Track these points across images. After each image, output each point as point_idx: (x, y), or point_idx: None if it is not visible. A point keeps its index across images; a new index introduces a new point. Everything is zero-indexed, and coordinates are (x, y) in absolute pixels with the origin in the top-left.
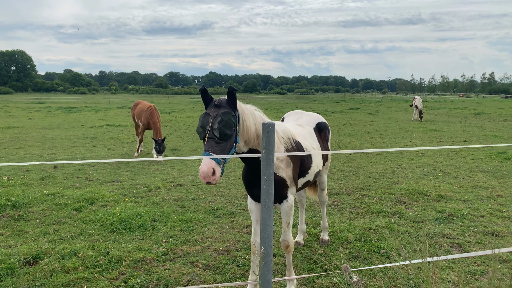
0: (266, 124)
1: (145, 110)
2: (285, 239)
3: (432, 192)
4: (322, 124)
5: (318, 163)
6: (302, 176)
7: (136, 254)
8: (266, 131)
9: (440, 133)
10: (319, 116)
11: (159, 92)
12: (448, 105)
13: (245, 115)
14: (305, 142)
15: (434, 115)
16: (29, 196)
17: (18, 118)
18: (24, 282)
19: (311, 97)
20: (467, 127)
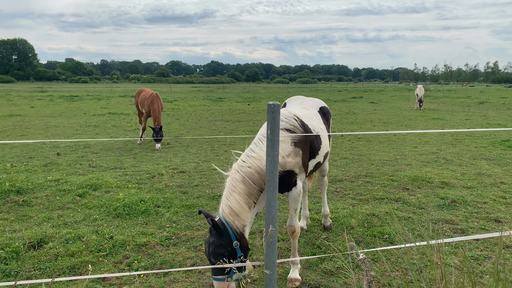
0: (271, 105)
1: (147, 98)
2: (292, 225)
3: (435, 179)
4: (325, 108)
5: (326, 144)
6: (313, 157)
7: (140, 238)
8: (271, 111)
9: (443, 122)
10: (321, 101)
11: (161, 81)
12: (451, 94)
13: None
14: (312, 123)
15: (437, 104)
16: (32, 182)
17: (21, 106)
18: (29, 265)
19: (314, 86)
20: (470, 116)
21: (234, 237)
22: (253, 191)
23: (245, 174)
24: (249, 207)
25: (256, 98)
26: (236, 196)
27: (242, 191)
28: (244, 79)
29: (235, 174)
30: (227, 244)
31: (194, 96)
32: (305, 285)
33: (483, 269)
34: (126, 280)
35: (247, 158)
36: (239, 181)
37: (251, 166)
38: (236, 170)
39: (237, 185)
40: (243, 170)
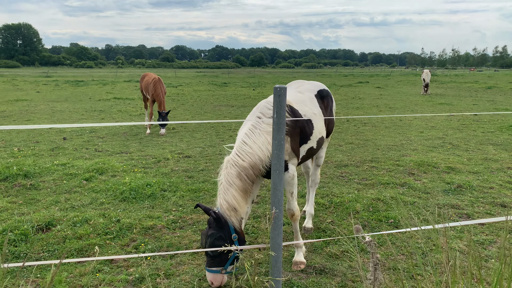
0: (278, 88)
1: (150, 83)
2: (290, 208)
3: (441, 164)
4: (324, 91)
5: (321, 129)
6: (304, 143)
7: (147, 222)
8: (277, 95)
9: (450, 107)
10: (321, 84)
11: (165, 66)
12: (459, 79)
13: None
14: (304, 108)
15: (444, 89)
16: (39, 166)
17: (26, 91)
18: (38, 247)
19: (319, 71)
20: (478, 101)
21: (233, 230)
22: (248, 187)
23: (240, 169)
24: (246, 200)
25: (261, 83)
26: (233, 192)
27: (238, 187)
28: (249, 64)
29: (231, 169)
30: (226, 236)
31: (199, 81)
32: (310, 268)
33: (488, 253)
34: (133, 263)
35: (241, 152)
36: (235, 176)
37: (245, 160)
38: (232, 164)
39: (233, 181)
40: (238, 164)
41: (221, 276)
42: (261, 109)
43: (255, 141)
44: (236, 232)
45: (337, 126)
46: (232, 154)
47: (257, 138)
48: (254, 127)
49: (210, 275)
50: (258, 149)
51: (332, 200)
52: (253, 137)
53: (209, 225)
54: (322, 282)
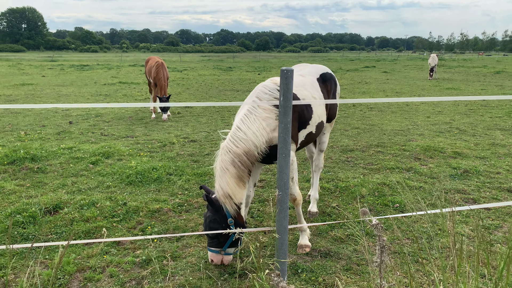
0: (285, 70)
1: (152, 66)
2: (292, 193)
3: (447, 149)
4: (327, 75)
5: (321, 113)
6: (303, 128)
7: (153, 205)
8: (284, 77)
9: (457, 92)
10: (324, 67)
11: (170, 50)
12: (467, 64)
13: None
14: (303, 92)
15: (452, 73)
16: (46, 149)
17: (32, 75)
18: (46, 229)
19: (325, 55)
20: (486, 86)
21: (229, 215)
22: (242, 173)
23: (234, 156)
24: (242, 186)
25: (266, 67)
26: (228, 179)
27: (232, 174)
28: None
29: (225, 155)
30: (221, 220)
31: (203, 65)
32: (315, 251)
33: (494, 238)
34: (140, 245)
35: (235, 138)
36: (229, 163)
37: (239, 146)
38: (226, 150)
39: (228, 167)
40: (232, 151)
41: (220, 256)
42: (258, 93)
43: (249, 127)
44: (232, 217)
45: (343, 111)
46: (226, 141)
47: (252, 124)
48: (249, 112)
49: (210, 254)
50: (253, 135)
51: (337, 185)
52: (248, 123)
53: (207, 207)
54: (327, 265)
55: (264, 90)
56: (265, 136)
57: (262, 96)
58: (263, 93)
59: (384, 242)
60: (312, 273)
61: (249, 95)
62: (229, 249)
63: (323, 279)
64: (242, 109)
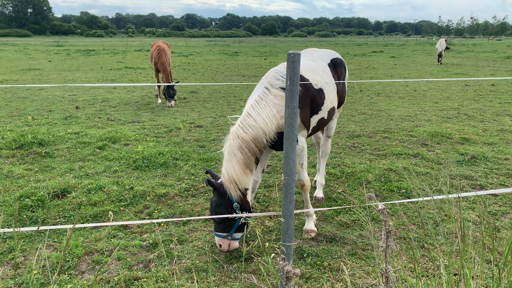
0: (292, 54)
1: (154, 50)
2: (300, 179)
3: (455, 135)
4: (338, 60)
5: (332, 99)
6: (315, 113)
7: (160, 190)
8: (291, 61)
9: (466, 77)
10: (334, 53)
11: (176, 34)
12: (476, 49)
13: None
14: (315, 77)
15: (461, 58)
16: (53, 134)
17: (38, 60)
18: (55, 213)
19: (333, 40)
20: (496, 71)
21: (234, 200)
22: (248, 160)
23: (242, 142)
24: (249, 172)
25: (273, 52)
26: (234, 164)
27: (239, 159)
28: (261, 33)
29: (233, 141)
30: (227, 204)
31: (209, 50)
32: (321, 236)
33: (501, 224)
34: (147, 229)
35: (244, 124)
36: (236, 148)
37: (247, 132)
38: (235, 136)
39: (235, 152)
40: (241, 137)
41: (227, 241)
42: (269, 79)
43: (259, 113)
44: (238, 202)
45: (350, 96)
46: (235, 126)
47: (262, 111)
48: (260, 99)
49: (217, 239)
50: (262, 121)
51: (343, 170)
52: (258, 109)
53: (213, 192)
54: (333, 250)
55: (277, 76)
56: (274, 123)
57: (274, 82)
58: (275, 78)
59: (390, 227)
60: (318, 257)
61: (261, 79)
62: (236, 234)
63: (328, 264)
64: (254, 94)
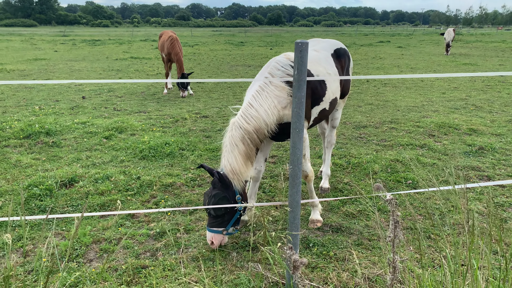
0: (299, 43)
1: (166, 40)
2: (304, 170)
3: (463, 126)
4: (341, 50)
5: (335, 90)
6: (317, 104)
7: (166, 179)
8: (298, 50)
9: (474, 67)
10: (338, 42)
11: (181, 24)
12: (485, 38)
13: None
14: (317, 68)
15: (469, 48)
16: (60, 124)
17: (44, 50)
18: (62, 202)
19: (339, 30)
20: (505, 61)
21: (237, 191)
22: (250, 152)
23: (244, 132)
24: (250, 164)
25: (278, 42)
26: (237, 155)
27: (241, 151)
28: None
29: (235, 131)
30: (230, 197)
31: (215, 40)
32: (327, 226)
33: (508, 215)
34: (154, 218)
35: (246, 115)
36: (238, 139)
37: (250, 123)
38: (237, 126)
39: (237, 144)
40: (243, 127)
41: (222, 236)
42: (270, 69)
43: (261, 104)
44: (239, 193)
45: (356, 86)
46: (237, 116)
47: (264, 101)
48: (261, 89)
49: (210, 235)
50: (264, 112)
51: (350, 161)
52: (260, 100)
53: (213, 185)
54: (339, 239)
55: (277, 66)
56: (275, 114)
57: (274, 72)
58: (275, 69)
59: (397, 217)
60: (324, 247)
61: (261, 69)
62: (230, 229)
63: (334, 253)
64: (254, 84)
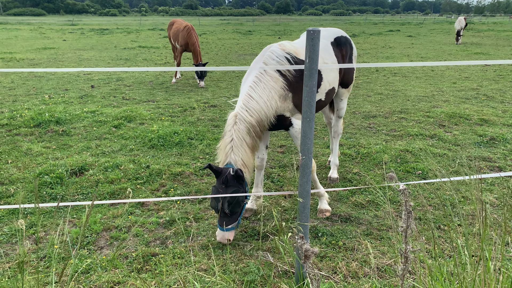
0: (311, 31)
1: (181, 30)
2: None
3: (474, 116)
4: (342, 38)
5: (332, 80)
6: None
7: (175, 168)
8: (310, 38)
9: (486, 57)
10: (339, 31)
11: (189, 13)
12: (497, 27)
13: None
14: None
15: (480, 38)
16: (70, 113)
17: (53, 39)
18: (73, 190)
19: (348, 19)
20: None
21: (246, 184)
22: (255, 144)
23: (249, 126)
24: (253, 157)
25: (287, 31)
26: (246, 148)
27: (249, 144)
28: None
29: (240, 125)
30: (244, 191)
31: (223, 29)
32: (336, 216)
33: None
34: (164, 206)
35: (248, 107)
36: (245, 133)
37: (253, 116)
38: (241, 119)
39: (244, 137)
40: (248, 120)
41: (234, 232)
42: (265, 59)
43: (261, 96)
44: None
45: (365, 76)
46: (238, 109)
47: (263, 93)
48: (258, 80)
49: (225, 234)
50: (264, 104)
51: (359, 151)
52: (259, 91)
53: (225, 183)
54: (348, 229)
55: (272, 56)
56: (274, 106)
57: (269, 62)
58: (270, 58)
59: (410, 208)
60: (332, 237)
61: (257, 57)
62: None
63: (343, 243)
64: (250, 74)
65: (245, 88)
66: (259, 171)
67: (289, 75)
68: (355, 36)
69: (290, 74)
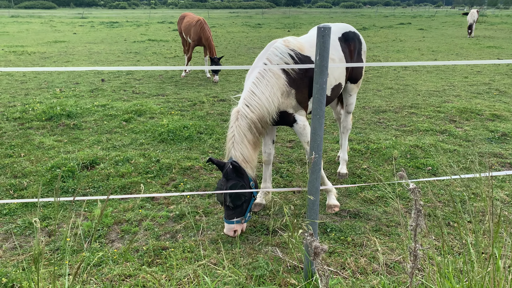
0: (322, 28)
1: (194, 25)
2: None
3: (485, 112)
4: (350, 33)
5: (338, 76)
6: None
7: (185, 162)
8: (321, 35)
9: (499, 50)
10: (347, 26)
11: (198, 6)
12: (511, 20)
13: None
14: None
15: (493, 31)
16: (81, 107)
17: (64, 33)
18: (84, 183)
19: (358, 11)
20: None
21: (250, 178)
22: (256, 140)
23: (250, 122)
24: (255, 153)
25: (296, 24)
26: (246, 144)
27: (250, 140)
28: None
29: (242, 120)
30: (247, 185)
31: (232, 22)
32: (344, 212)
33: None
34: (173, 200)
35: (251, 103)
36: (246, 129)
37: (254, 112)
38: (243, 115)
39: (246, 133)
40: (249, 116)
41: (241, 225)
42: (268, 55)
43: (263, 92)
44: (253, 180)
45: (375, 70)
46: (241, 105)
47: (265, 89)
48: (261, 76)
49: (232, 226)
50: (266, 100)
51: (368, 146)
52: (261, 87)
53: (226, 176)
54: (356, 225)
55: (275, 52)
56: (276, 102)
57: (272, 58)
58: (274, 55)
59: (420, 206)
60: (341, 232)
61: (261, 52)
62: (247, 215)
63: (352, 239)
64: (254, 71)
65: (248, 84)
66: (267, 166)
67: (292, 71)
68: (365, 29)
69: (293, 70)
